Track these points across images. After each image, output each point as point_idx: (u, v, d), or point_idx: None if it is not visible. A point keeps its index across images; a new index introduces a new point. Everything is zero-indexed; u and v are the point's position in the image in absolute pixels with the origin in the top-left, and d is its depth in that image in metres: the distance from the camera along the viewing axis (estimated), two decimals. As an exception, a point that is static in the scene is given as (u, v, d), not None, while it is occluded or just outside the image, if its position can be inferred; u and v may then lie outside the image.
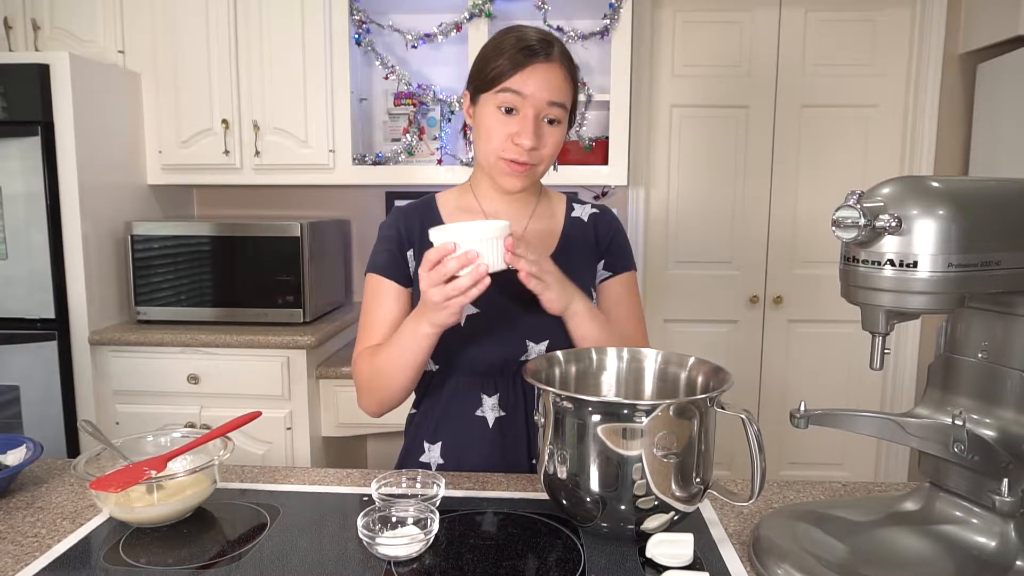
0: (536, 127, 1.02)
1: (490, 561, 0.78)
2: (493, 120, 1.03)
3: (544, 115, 1.02)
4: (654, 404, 0.75)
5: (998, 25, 2.33)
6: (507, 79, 1.00)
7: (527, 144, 1.01)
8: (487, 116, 1.04)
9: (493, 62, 1.02)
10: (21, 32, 2.35)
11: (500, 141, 1.03)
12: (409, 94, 2.42)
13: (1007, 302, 0.77)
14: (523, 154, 1.02)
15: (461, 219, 1.15)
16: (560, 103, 1.03)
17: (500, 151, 1.03)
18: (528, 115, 1.01)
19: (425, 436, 1.14)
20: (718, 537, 0.84)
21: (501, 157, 1.03)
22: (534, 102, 1.01)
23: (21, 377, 2.10)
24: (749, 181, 2.71)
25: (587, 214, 1.20)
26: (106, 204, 2.23)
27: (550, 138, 1.04)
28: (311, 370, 2.17)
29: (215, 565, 0.78)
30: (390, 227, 1.16)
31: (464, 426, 1.11)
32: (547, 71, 1.01)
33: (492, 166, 1.06)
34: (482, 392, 1.11)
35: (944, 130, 2.59)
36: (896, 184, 0.70)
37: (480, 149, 1.07)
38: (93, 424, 1.02)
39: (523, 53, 1.00)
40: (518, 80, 1.00)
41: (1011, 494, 0.72)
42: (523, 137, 1.01)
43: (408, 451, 1.18)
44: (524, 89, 1.00)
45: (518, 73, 1.00)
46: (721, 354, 2.78)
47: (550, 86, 1.01)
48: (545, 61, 1.01)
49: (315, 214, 2.68)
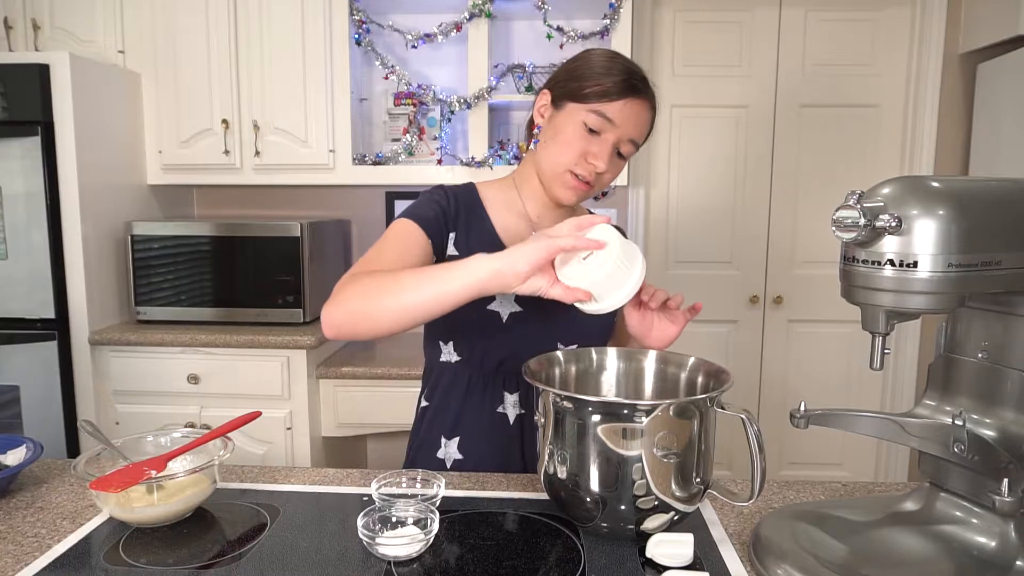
0: (612, 154, 1.04)
1: (490, 561, 0.78)
2: (575, 133, 1.03)
3: (620, 148, 1.04)
4: (654, 404, 0.75)
5: (998, 25, 2.33)
6: (606, 102, 1.01)
7: (600, 167, 1.03)
8: (570, 127, 1.04)
9: (598, 80, 1.02)
10: (21, 32, 2.35)
11: (575, 156, 1.03)
12: (409, 94, 2.42)
13: (1007, 302, 0.77)
14: (592, 175, 1.04)
15: (505, 216, 1.12)
16: (638, 143, 1.06)
17: (572, 164, 1.04)
18: (609, 140, 1.03)
19: (442, 430, 1.13)
20: (718, 537, 0.84)
21: (570, 170, 1.04)
22: (619, 133, 1.03)
23: (21, 377, 2.10)
24: (749, 181, 2.71)
25: None
26: (106, 204, 2.23)
27: (615, 168, 1.07)
28: (311, 370, 2.17)
29: (215, 565, 0.78)
30: (441, 198, 1.11)
31: (484, 422, 1.11)
32: (641, 110, 1.04)
33: (556, 176, 1.06)
34: (505, 389, 1.11)
35: (944, 130, 2.59)
36: (896, 184, 0.70)
37: (550, 154, 1.06)
38: (93, 424, 1.02)
39: (630, 85, 1.02)
40: (616, 108, 1.01)
41: (1011, 494, 0.72)
42: (599, 160, 1.02)
43: (422, 445, 1.16)
44: (617, 119, 1.02)
45: (619, 102, 1.01)
46: (721, 354, 2.78)
47: (638, 124, 1.05)
48: (642, 99, 1.04)
49: (315, 214, 2.68)
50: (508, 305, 1.08)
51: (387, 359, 2.25)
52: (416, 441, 1.18)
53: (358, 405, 2.20)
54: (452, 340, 1.12)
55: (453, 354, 1.12)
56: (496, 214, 1.12)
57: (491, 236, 1.10)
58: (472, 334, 1.10)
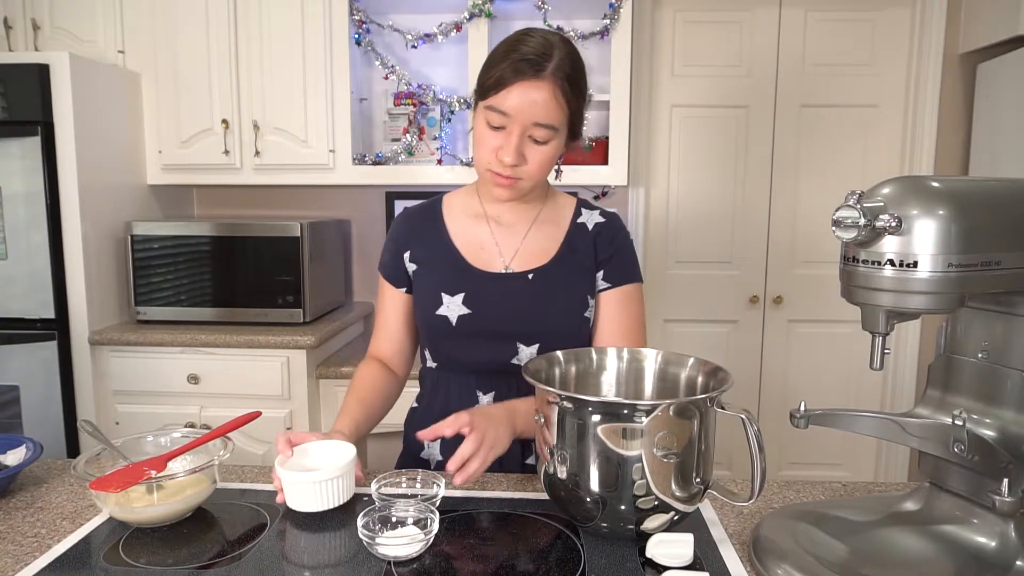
0: (519, 144, 1.00)
1: (490, 561, 0.78)
2: (482, 132, 1.03)
3: (529, 133, 1.00)
4: (654, 404, 0.75)
5: (998, 25, 2.33)
6: (495, 94, 0.99)
7: (508, 160, 1.00)
8: (479, 127, 1.04)
9: (486, 72, 1.01)
10: (21, 32, 2.35)
11: (487, 153, 1.03)
12: (409, 94, 2.42)
13: (1007, 302, 0.77)
14: (505, 168, 1.01)
15: (462, 221, 1.15)
16: (546, 124, 0.99)
17: (487, 163, 1.03)
18: (513, 132, 0.99)
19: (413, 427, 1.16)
20: (718, 537, 0.84)
21: (488, 169, 1.04)
22: (518, 121, 0.99)
23: (21, 377, 2.10)
24: (749, 181, 2.71)
25: (593, 222, 1.16)
26: (106, 204, 2.23)
27: (535, 156, 1.02)
28: (311, 370, 2.17)
29: (215, 565, 0.78)
30: (394, 228, 1.19)
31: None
32: (534, 90, 0.97)
33: (482, 175, 1.07)
34: (478, 390, 1.12)
35: (944, 130, 2.59)
36: (896, 184, 0.70)
37: (474, 157, 1.08)
38: (93, 424, 1.02)
39: (511, 69, 0.97)
40: (502, 98, 0.98)
41: (1011, 494, 0.72)
42: (504, 154, 1.00)
43: (408, 448, 1.20)
44: (511, 109, 0.98)
45: (503, 90, 0.98)
46: (721, 354, 2.78)
47: (535, 107, 0.97)
48: (534, 79, 0.97)
49: (315, 214, 2.68)
50: (456, 309, 1.09)
51: (387, 359, 2.25)
52: (405, 442, 1.21)
53: (358, 405, 2.19)
54: (427, 346, 1.17)
55: (431, 360, 1.16)
56: (453, 221, 1.15)
57: (445, 242, 1.14)
58: (433, 339, 1.14)
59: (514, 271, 1.11)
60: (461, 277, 1.10)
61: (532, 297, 1.09)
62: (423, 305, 1.12)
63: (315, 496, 0.86)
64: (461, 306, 1.09)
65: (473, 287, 1.10)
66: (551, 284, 1.10)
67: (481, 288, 1.10)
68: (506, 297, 1.09)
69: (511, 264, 1.12)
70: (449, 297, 1.10)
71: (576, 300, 1.11)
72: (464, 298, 1.09)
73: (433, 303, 1.10)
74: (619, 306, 1.14)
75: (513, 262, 1.12)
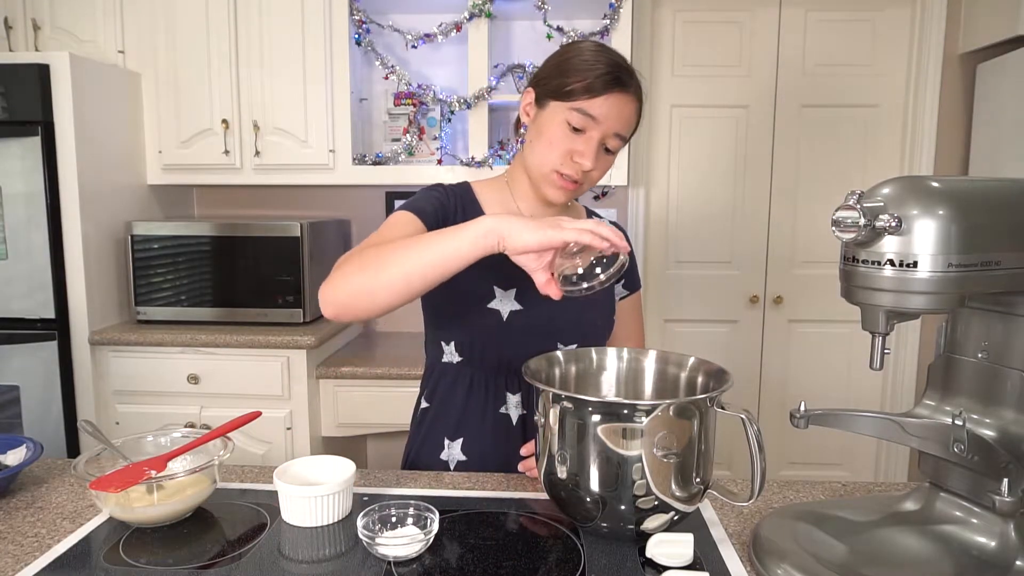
0: (598, 151, 1.02)
1: (490, 561, 0.78)
2: (559, 132, 1.02)
3: (607, 143, 1.02)
4: (654, 404, 0.75)
5: (998, 25, 2.33)
6: (588, 99, 0.99)
7: (586, 166, 1.01)
8: (553, 126, 1.02)
9: (579, 76, 1.00)
10: (21, 32, 2.35)
11: (560, 155, 1.02)
12: (409, 94, 2.42)
13: (1007, 302, 0.77)
14: (579, 173, 1.02)
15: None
16: (625, 136, 1.03)
17: (557, 164, 1.02)
18: (594, 138, 1.01)
19: (445, 432, 1.13)
20: (718, 537, 0.84)
21: (556, 170, 1.03)
22: (604, 129, 1.00)
23: (21, 377, 2.10)
24: (749, 181, 2.71)
25: None
26: (106, 204, 2.23)
27: (603, 164, 1.05)
28: (311, 370, 2.17)
29: (215, 565, 0.78)
30: (440, 194, 1.10)
31: (487, 424, 1.11)
32: (625, 103, 1.01)
33: (543, 176, 1.05)
34: (507, 390, 1.11)
35: (944, 130, 2.59)
36: (896, 184, 0.70)
37: (536, 153, 1.05)
38: (93, 424, 1.02)
39: (611, 79, 0.99)
40: (598, 105, 0.99)
41: (1011, 494, 0.72)
42: (585, 158, 1.00)
43: (423, 446, 1.15)
44: (600, 116, 1.00)
45: (600, 97, 0.99)
46: (721, 354, 2.77)
47: (622, 118, 1.01)
48: (625, 92, 1.01)
49: (315, 214, 2.68)
50: (508, 303, 1.08)
51: (387, 359, 2.25)
52: (416, 442, 1.17)
53: (358, 405, 2.20)
54: (453, 340, 1.11)
55: (455, 355, 1.11)
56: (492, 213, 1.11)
57: None
58: (473, 334, 1.09)
59: None
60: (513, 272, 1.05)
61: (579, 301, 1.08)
62: (471, 295, 1.07)
63: (313, 511, 0.86)
64: (514, 302, 1.08)
65: (525, 284, 1.06)
66: None
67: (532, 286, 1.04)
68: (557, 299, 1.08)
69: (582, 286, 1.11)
70: (502, 291, 1.07)
71: (611, 303, 1.18)
72: (517, 293, 1.08)
73: (485, 295, 1.07)
74: (634, 312, 1.24)
75: None
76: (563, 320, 1.09)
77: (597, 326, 1.14)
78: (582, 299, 1.06)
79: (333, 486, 0.86)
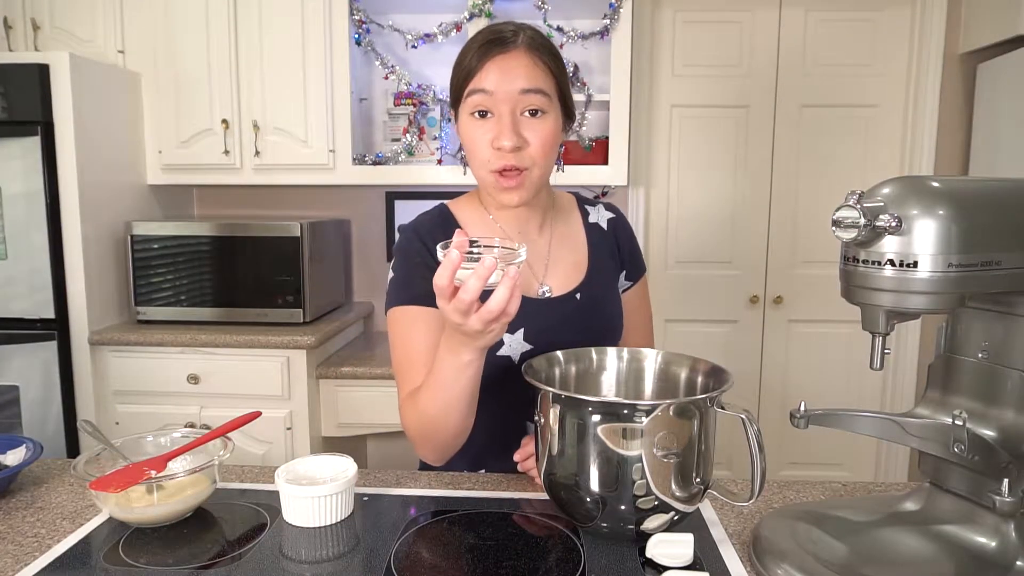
0: (514, 123, 0.92)
1: (490, 561, 0.78)
2: (470, 130, 0.95)
3: (521, 108, 0.92)
4: (654, 404, 0.75)
5: (998, 25, 2.33)
6: (471, 80, 0.93)
7: (507, 144, 0.91)
8: (465, 127, 0.96)
9: (457, 67, 0.96)
10: (21, 32, 2.35)
11: (483, 152, 0.94)
12: (409, 94, 2.42)
13: (1007, 302, 0.77)
14: (508, 158, 0.92)
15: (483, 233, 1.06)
16: (535, 89, 0.92)
17: (487, 164, 0.94)
18: (503, 112, 0.92)
19: (465, 464, 1.08)
20: (718, 537, 0.84)
21: (491, 171, 0.94)
22: (505, 97, 0.91)
23: (21, 377, 2.10)
24: (749, 181, 2.71)
25: (605, 220, 1.14)
26: (106, 204, 2.23)
27: (535, 132, 0.93)
28: (311, 370, 2.17)
29: (215, 565, 0.78)
30: (409, 247, 1.03)
31: (508, 457, 1.03)
32: (510, 59, 0.92)
33: (485, 184, 0.98)
34: (529, 421, 1.06)
35: (944, 130, 2.59)
36: (896, 184, 0.70)
37: (472, 168, 0.99)
38: (93, 424, 1.02)
39: (484, 48, 0.92)
40: (481, 77, 0.92)
41: (1011, 494, 0.72)
42: (502, 138, 0.91)
43: None
44: (490, 86, 0.91)
45: (480, 70, 0.92)
46: (721, 354, 2.78)
47: (517, 74, 0.91)
48: (505, 51, 0.92)
49: (315, 214, 2.68)
50: (518, 346, 1.02)
51: (387, 360, 2.25)
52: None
53: (358, 405, 2.20)
54: None
55: None
56: (473, 230, 1.06)
57: None
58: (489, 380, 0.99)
59: (554, 293, 1.05)
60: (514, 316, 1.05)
61: (586, 318, 1.05)
62: None
63: (315, 511, 0.86)
64: (522, 343, 1.01)
65: (528, 322, 1.01)
66: (597, 299, 1.07)
67: (536, 319, 1.02)
68: (562, 324, 1.03)
69: (545, 280, 1.06)
70: (509, 336, 1.01)
71: (618, 308, 1.11)
72: (524, 334, 1.01)
73: (494, 346, 1.00)
74: (640, 300, 1.17)
75: (547, 278, 1.06)
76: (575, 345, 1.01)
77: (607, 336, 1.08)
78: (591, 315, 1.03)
79: (335, 486, 0.86)
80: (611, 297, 1.11)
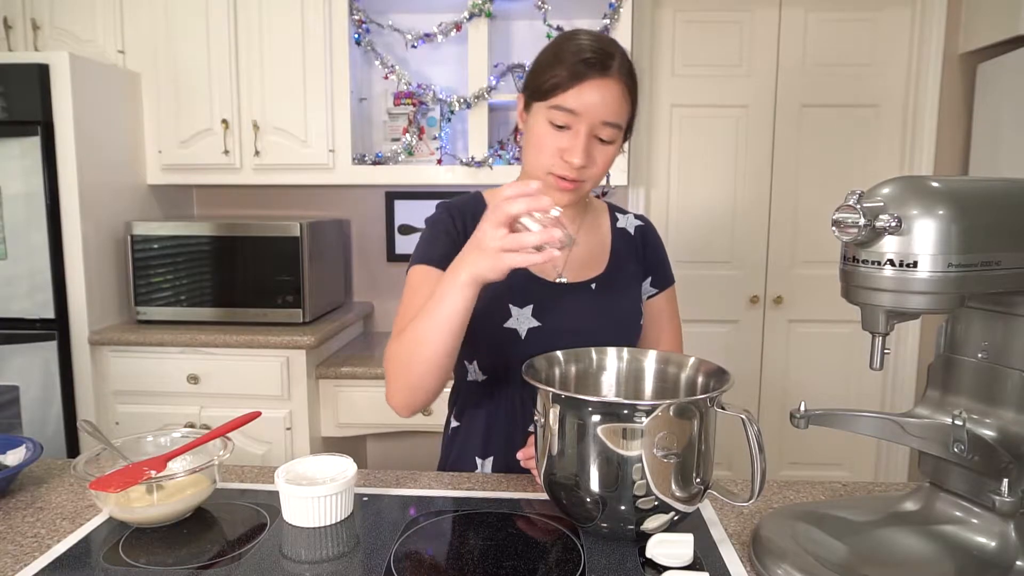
0: (587, 145, 0.97)
1: (490, 561, 0.78)
2: (544, 133, 0.99)
3: (596, 133, 0.98)
4: (654, 404, 0.75)
5: (998, 25, 2.33)
6: (561, 94, 0.96)
7: (576, 162, 0.97)
8: (538, 127, 1.00)
9: (548, 72, 0.97)
10: (21, 32, 2.35)
11: (549, 156, 0.99)
12: (409, 94, 2.42)
13: (1007, 302, 0.77)
14: (572, 171, 0.98)
15: None
16: (614, 123, 0.98)
17: (549, 166, 0.99)
18: (580, 131, 0.97)
19: (474, 451, 1.11)
20: (718, 537, 0.84)
21: (550, 172, 0.99)
22: (587, 120, 0.96)
23: (21, 377, 2.10)
24: (749, 181, 2.71)
25: (633, 227, 1.18)
26: (106, 204, 2.23)
27: (600, 156, 1.00)
28: (311, 370, 2.17)
29: (215, 565, 0.78)
30: (442, 219, 1.08)
31: (516, 441, 1.07)
32: (606, 88, 0.96)
33: (540, 179, 1.01)
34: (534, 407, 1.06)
35: (944, 130, 2.59)
36: (896, 184, 0.70)
37: (529, 160, 1.03)
38: (93, 424, 1.02)
39: (579, 66, 0.95)
40: (572, 96, 0.95)
41: (1011, 494, 0.72)
42: (573, 155, 0.97)
43: (455, 465, 1.14)
44: (577, 107, 0.95)
45: (572, 88, 0.95)
46: (721, 354, 2.78)
47: (606, 105, 0.96)
48: (602, 76, 0.96)
49: (315, 214, 2.68)
50: (525, 321, 1.05)
51: (387, 359, 2.25)
52: (448, 462, 1.16)
53: (358, 405, 2.20)
54: (476, 360, 1.09)
55: (479, 374, 1.10)
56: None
57: None
58: (493, 354, 1.06)
59: (570, 280, 1.08)
60: (527, 288, 1.05)
61: (598, 307, 1.07)
62: (487, 316, 1.03)
63: (314, 511, 0.86)
64: (531, 319, 1.05)
65: (540, 299, 1.05)
66: (613, 293, 1.09)
67: (548, 300, 1.05)
68: (573, 308, 1.06)
69: (563, 273, 1.08)
70: (518, 309, 1.05)
71: (636, 307, 1.13)
72: (533, 310, 1.05)
73: (500, 315, 1.05)
74: (668, 310, 1.19)
75: (565, 271, 1.09)
76: (585, 333, 1.05)
77: (622, 334, 1.09)
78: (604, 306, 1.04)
79: (334, 486, 0.86)
80: (628, 295, 1.12)
